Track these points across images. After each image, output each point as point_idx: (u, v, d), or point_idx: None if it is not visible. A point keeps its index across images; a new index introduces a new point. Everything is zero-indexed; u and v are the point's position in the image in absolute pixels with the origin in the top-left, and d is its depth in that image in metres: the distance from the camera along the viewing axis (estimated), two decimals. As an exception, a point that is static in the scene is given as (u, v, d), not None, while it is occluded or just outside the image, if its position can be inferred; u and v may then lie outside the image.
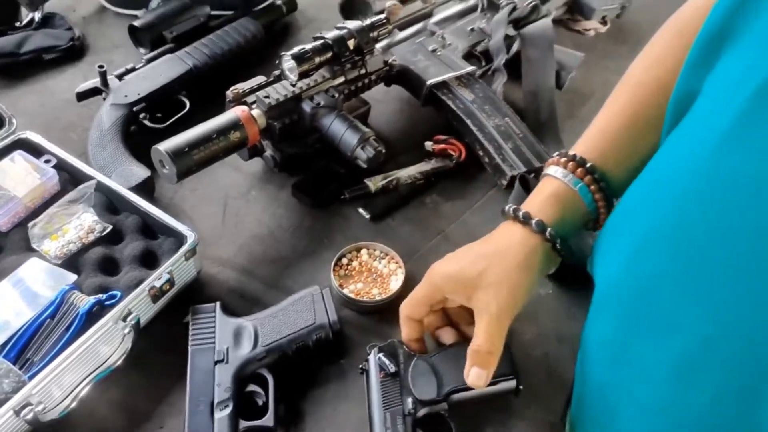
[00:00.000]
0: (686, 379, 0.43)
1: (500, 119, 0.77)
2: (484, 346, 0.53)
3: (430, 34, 0.83)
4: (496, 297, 0.54)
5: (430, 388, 0.57)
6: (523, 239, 0.56)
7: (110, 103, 0.76)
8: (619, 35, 0.98)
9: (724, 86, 0.42)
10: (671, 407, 0.44)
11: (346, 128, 0.70)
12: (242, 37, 0.87)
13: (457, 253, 0.59)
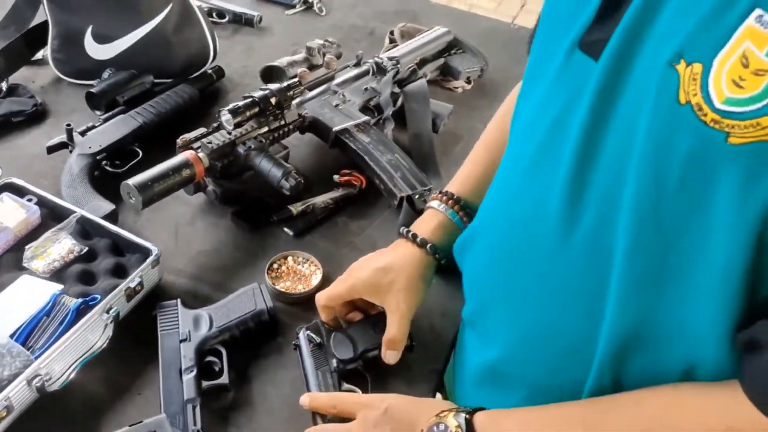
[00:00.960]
0: (527, 342, 0.64)
1: (391, 155, 1.01)
2: (396, 336, 0.74)
3: (333, 93, 1.06)
4: (403, 300, 0.75)
5: (348, 350, 0.77)
6: (421, 257, 0.78)
7: (77, 154, 0.94)
8: (481, 91, 1.24)
9: (523, 129, 0.64)
10: (512, 360, 0.66)
11: (272, 165, 0.91)
12: (181, 99, 1.07)
13: (370, 262, 0.79)
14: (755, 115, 0.40)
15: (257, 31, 1.32)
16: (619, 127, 0.49)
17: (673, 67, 0.43)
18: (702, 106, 0.42)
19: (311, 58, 1.09)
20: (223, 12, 1.31)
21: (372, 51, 1.26)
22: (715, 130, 0.42)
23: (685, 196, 0.45)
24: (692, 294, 0.48)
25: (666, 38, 0.44)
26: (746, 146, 0.41)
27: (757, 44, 0.39)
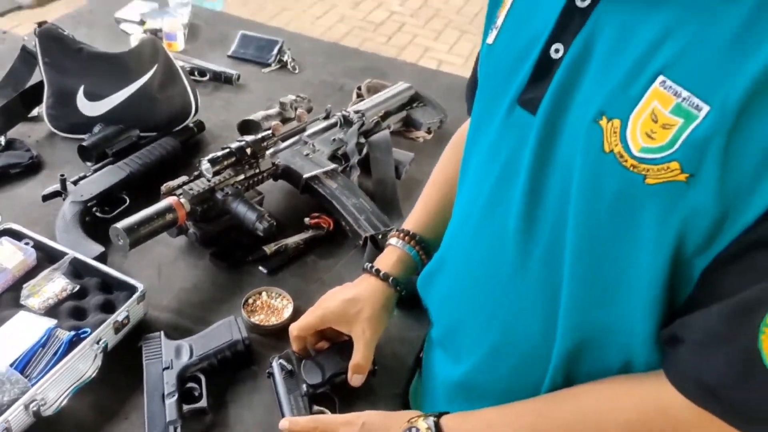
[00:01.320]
0: (493, 356, 0.72)
1: (356, 199, 1.11)
2: (361, 361, 0.83)
3: (304, 143, 1.17)
4: (368, 328, 0.84)
5: (317, 376, 0.85)
6: (383, 290, 0.88)
7: (70, 201, 1.03)
8: (440, 140, 1.35)
9: (476, 171, 0.73)
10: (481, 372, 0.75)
11: (247, 209, 1.01)
12: (165, 150, 1.17)
13: (338, 295, 0.88)
14: (665, 160, 0.49)
15: (235, 88, 1.43)
16: (558, 171, 0.58)
17: (597, 123, 0.53)
18: (623, 154, 0.52)
19: (284, 112, 1.21)
20: (205, 71, 1.42)
21: (341, 105, 1.38)
22: (634, 173, 0.51)
23: (614, 226, 0.55)
24: (626, 304, 0.58)
25: (590, 98, 0.54)
26: (660, 185, 0.50)
27: (662, 104, 0.49)
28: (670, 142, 0.49)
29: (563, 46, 0.56)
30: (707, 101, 0.47)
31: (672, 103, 0.48)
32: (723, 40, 0.47)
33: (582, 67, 0.55)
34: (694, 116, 0.47)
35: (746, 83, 0.45)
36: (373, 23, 3.86)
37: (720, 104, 0.46)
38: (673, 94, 0.48)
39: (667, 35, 0.49)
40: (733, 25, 0.46)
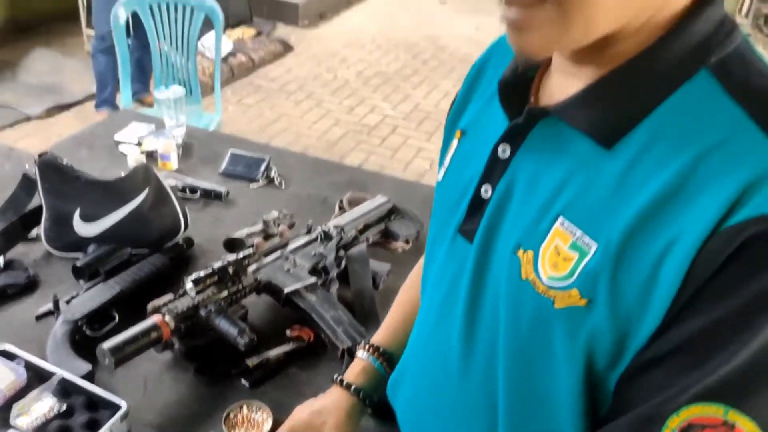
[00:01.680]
0: None
1: (334, 312, 1.17)
2: None
3: (285, 259, 1.24)
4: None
5: None
6: (347, 399, 0.93)
7: (62, 321, 1.09)
8: (418, 250, 1.43)
9: (430, 290, 0.82)
10: None
11: (229, 325, 1.06)
12: (155, 267, 1.24)
13: (307, 406, 0.93)
14: (568, 287, 0.57)
15: (225, 204, 1.52)
16: (490, 294, 0.66)
17: (516, 254, 0.61)
18: (536, 281, 0.59)
19: (267, 229, 1.28)
20: (195, 188, 1.52)
21: (324, 217, 1.47)
22: (545, 297, 0.58)
23: (535, 344, 0.61)
24: (555, 416, 0.63)
25: (511, 232, 0.63)
26: (565, 309, 0.57)
27: (563, 240, 0.57)
28: (570, 272, 0.56)
29: (491, 188, 0.66)
30: (595, 239, 0.55)
31: (570, 240, 0.57)
32: (606, 187, 0.55)
33: (504, 205, 0.64)
34: (586, 252, 0.55)
35: (624, 224, 0.53)
36: (367, 126, 4.04)
37: (605, 242, 0.54)
38: (570, 233, 0.57)
39: (566, 182, 0.58)
40: (614, 175, 0.55)
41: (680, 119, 0.53)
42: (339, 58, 5.02)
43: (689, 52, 0.54)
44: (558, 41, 0.54)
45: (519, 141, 0.64)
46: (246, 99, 4.30)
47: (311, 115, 4.14)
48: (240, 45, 4.81)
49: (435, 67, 4.96)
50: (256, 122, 4.00)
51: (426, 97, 4.49)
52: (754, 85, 0.53)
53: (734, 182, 0.49)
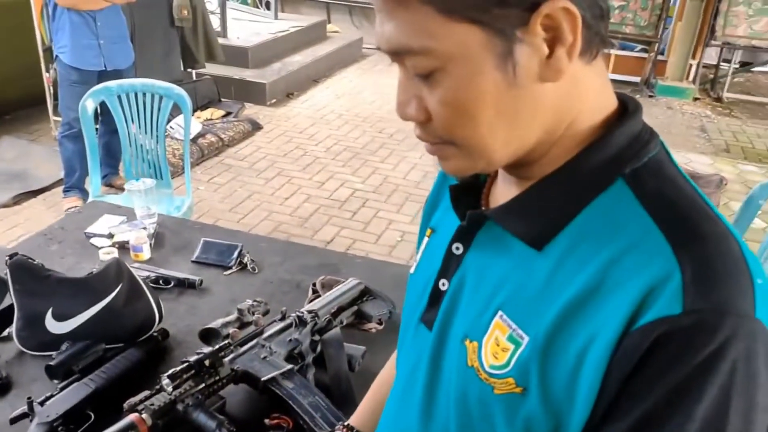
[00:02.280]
0: None
1: (312, 398, 1.18)
2: None
3: (261, 346, 1.25)
4: None
5: None
6: None
7: (36, 423, 1.08)
8: (391, 330, 1.45)
9: (399, 369, 0.86)
10: None
11: (207, 418, 1.06)
12: (130, 362, 1.24)
13: None
14: (505, 376, 0.61)
15: (199, 292, 1.54)
16: (444, 379, 0.70)
17: (463, 343, 0.66)
18: (479, 369, 0.64)
19: (242, 318, 1.30)
20: (169, 279, 1.54)
21: (298, 301, 1.49)
22: (487, 384, 0.63)
23: (481, 426, 0.65)
24: None
25: (460, 324, 0.68)
26: (504, 395, 0.61)
27: (501, 332, 0.62)
28: (506, 362, 0.61)
29: (447, 281, 0.72)
30: (527, 332, 0.60)
31: (507, 332, 0.61)
32: (537, 284, 0.60)
33: (457, 298, 0.70)
34: (520, 343, 0.60)
35: (550, 319, 0.58)
36: (338, 201, 4.10)
37: (533, 335, 0.59)
38: (507, 326, 0.62)
39: (505, 279, 0.64)
40: (544, 274, 0.60)
41: (598, 224, 0.59)
42: (307, 134, 5.13)
43: (606, 164, 0.60)
44: (469, 169, 0.62)
45: (469, 240, 0.69)
46: (217, 178, 4.35)
47: (282, 191, 4.20)
48: (209, 126, 4.90)
49: (401, 141, 5.10)
50: (227, 201, 4.03)
51: (394, 169, 4.59)
52: (663, 195, 0.58)
53: (639, 285, 0.53)
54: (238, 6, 6.87)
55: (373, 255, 3.46)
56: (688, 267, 0.52)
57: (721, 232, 0.55)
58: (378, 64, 7.37)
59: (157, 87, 2.77)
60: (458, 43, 0.54)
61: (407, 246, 3.61)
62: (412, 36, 0.55)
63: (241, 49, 5.71)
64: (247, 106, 5.51)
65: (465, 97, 0.56)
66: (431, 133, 0.60)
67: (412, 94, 0.59)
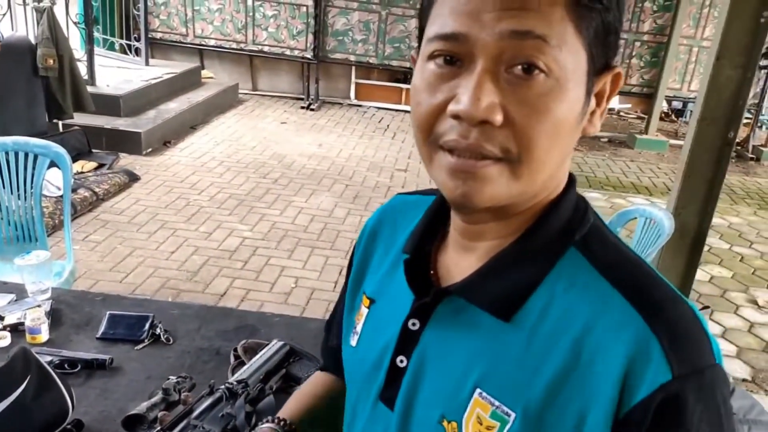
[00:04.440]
0: None
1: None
2: None
3: (193, 427, 1.18)
4: None
5: None
6: None
7: None
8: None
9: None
10: None
11: None
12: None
13: None
14: None
15: (110, 372, 1.42)
16: None
17: (441, 424, 0.65)
18: None
19: (168, 398, 1.23)
20: (75, 361, 1.41)
21: (221, 369, 1.43)
22: None
23: None
24: None
25: (431, 401, 0.66)
26: None
27: (483, 410, 0.62)
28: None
29: (406, 359, 0.70)
30: (513, 409, 0.60)
31: (489, 410, 0.61)
32: (513, 359, 0.61)
33: (420, 375, 0.68)
34: (507, 420, 0.60)
35: (538, 395, 0.59)
36: (228, 251, 3.98)
37: (522, 411, 0.59)
38: (489, 403, 0.61)
39: (477, 355, 0.64)
40: (517, 347, 0.61)
41: (563, 292, 0.61)
42: (189, 183, 4.97)
43: (559, 233, 0.63)
44: (501, 197, 0.59)
45: (427, 315, 0.69)
46: (93, 236, 4.08)
47: (167, 245, 4.01)
48: (81, 180, 4.61)
49: (285, 185, 5.08)
50: (107, 260, 3.79)
51: (281, 215, 4.55)
52: (613, 261, 0.62)
53: (620, 355, 0.56)
54: (106, 53, 6.57)
55: (268, 304, 3.39)
56: (662, 334, 0.56)
57: (673, 296, 0.60)
58: (255, 109, 7.34)
59: (32, 145, 2.58)
60: (577, 60, 0.56)
61: (302, 292, 3.58)
62: (551, 31, 0.54)
63: (112, 98, 5.45)
64: (121, 157, 5.25)
65: (558, 110, 0.56)
66: (494, 141, 0.56)
67: (494, 96, 0.55)
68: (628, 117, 8.43)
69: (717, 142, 2.59)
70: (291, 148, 6.01)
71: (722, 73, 2.40)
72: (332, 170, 5.55)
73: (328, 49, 7.56)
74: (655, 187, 6.06)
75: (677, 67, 7.39)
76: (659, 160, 6.91)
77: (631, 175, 6.35)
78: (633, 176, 6.34)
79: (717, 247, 4.68)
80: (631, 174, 6.40)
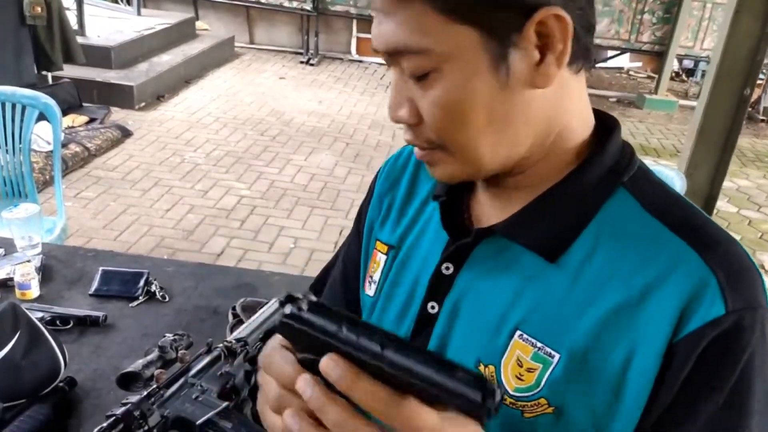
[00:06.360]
0: None
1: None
2: None
3: (191, 386, 1.14)
4: None
5: None
6: None
7: None
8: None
9: None
10: None
11: (142, 479, 0.94)
12: (36, 422, 1.07)
13: None
14: (535, 397, 0.58)
15: (104, 330, 1.37)
16: None
17: (477, 369, 0.62)
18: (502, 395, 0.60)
19: (165, 355, 1.17)
20: (67, 318, 1.36)
21: (219, 328, 1.38)
22: (513, 409, 0.60)
23: None
24: None
25: (466, 347, 0.63)
26: (535, 418, 0.59)
27: (524, 352, 0.59)
28: (536, 382, 0.59)
29: (438, 305, 0.67)
30: (556, 350, 0.58)
31: (531, 351, 0.59)
32: (558, 299, 0.59)
33: (454, 321, 0.65)
34: (550, 362, 0.58)
35: (584, 335, 0.57)
36: (224, 210, 3.91)
37: (568, 352, 0.57)
38: (531, 345, 0.59)
39: (518, 297, 0.61)
40: (562, 288, 0.59)
41: (612, 233, 0.59)
42: (183, 140, 4.86)
43: (607, 173, 0.61)
44: (458, 175, 0.61)
45: (463, 258, 0.66)
46: (85, 192, 4.00)
47: (162, 203, 3.94)
48: (72, 134, 4.50)
49: (284, 143, 4.98)
50: (100, 217, 3.71)
51: (280, 173, 4.47)
52: (663, 201, 0.60)
53: (678, 292, 0.55)
54: (96, 1, 6.35)
55: (266, 265, 3.34)
56: (718, 270, 0.55)
57: (727, 236, 0.58)
58: (252, 64, 7.17)
59: (20, 95, 2.48)
60: (455, 44, 0.53)
61: (302, 252, 3.53)
62: (411, 35, 0.54)
63: (102, 49, 5.28)
64: (113, 111, 5.13)
65: (458, 99, 0.55)
66: (422, 137, 0.59)
67: (405, 97, 0.58)
68: (638, 76, 8.24)
69: (732, 99, 2.52)
70: (290, 105, 5.88)
71: (740, 26, 2.32)
72: (332, 128, 5.44)
73: (329, 0, 7.35)
74: (664, 149, 5.94)
75: (690, 24, 7.13)
76: (668, 121, 6.73)
77: (639, 137, 6.17)
78: (641, 137, 6.16)
79: (725, 210, 4.63)
80: (639, 135, 6.22)
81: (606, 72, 8.12)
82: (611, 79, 7.94)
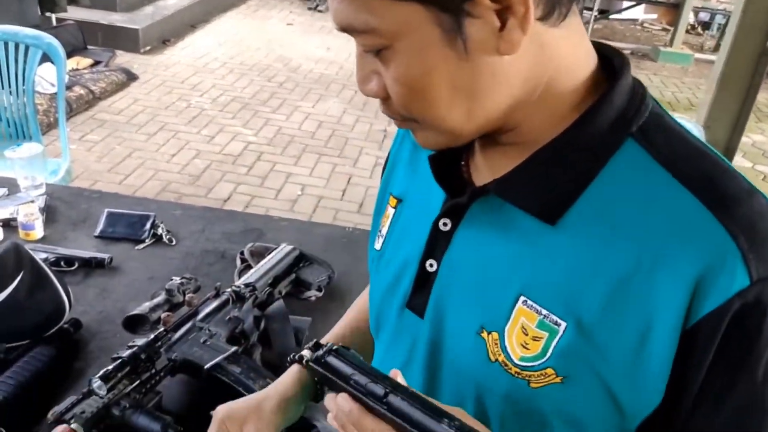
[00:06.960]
0: None
1: (262, 381, 1.06)
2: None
3: (199, 329, 1.12)
4: None
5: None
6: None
7: (-67, 450, 0.89)
8: (332, 297, 1.34)
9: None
10: None
11: (149, 420, 0.93)
12: (41, 363, 1.06)
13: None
14: (542, 367, 0.55)
15: (109, 272, 1.35)
16: (449, 374, 0.64)
17: (480, 335, 0.59)
18: (506, 363, 0.57)
19: (172, 299, 1.15)
20: (72, 259, 1.33)
21: (227, 272, 1.36)
22: (519, 378, 0.57)
23: (512, 418, 0.59)
24: None
25: (467, 311, 0.60)
26: (542, 388, 0.56)
27: (529, 319, 0.56)
28: (542, 351, 0.55)
29: (436, 262, 0.64)
30: (563, 318, 0.54)
31: (536, 319, 0.56)
32: (560, 265, 0.55)
33: (452, 281, 0.62)
34: (556, 330, 0.55)
35: (592, 304, 0.53)
36: (231, 155, 3.87)
37: (575, 321, 0.53)
38: (535, 312, 0.56)
39: (518, 261, 0.57)
40: (566, 252, 0.55)
41: (619, 191, 0.54)
42: (190, 84, 4.78)
43: (612, 125, 0.55)
44: (441, 142, 0.58)
45: (460, 215, 0.62)
46: (90, 135, 3.95)
47: (168, 147, 3.89)
48: (76, 77, 4.43)
49: (291, 90, 4.89)
50: (105, 160, 3.68)
51: (287, 120, 4.40)
52: (676, 151, 0.54)
53: (693, 259, 0.50)
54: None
55: (273, 211, 3.31)
56: (739, 233, 0.49)
57: (748, 189, 0.53)
58: (260, 9, 7.00)
59: (22, 35, 2.41)
60: (401, 21, 0.50)
61: (309, 200, 3.49)
62: (356, 14, 0.51)
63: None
64: (118, 54, 5.04)
65: (414, 75, 0.53)
66: (393, 110, 0.57)
67: (370, 70, 0.56)
68: (653, 29, 8.02)
69: (754, 52, 2.42)
70: (297, 51, 5.75)
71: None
72: (341, 75, 5.32)
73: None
74: (678, 102, 5.80)
75: (707, -24, 6.94)
76: (683, 75, 6.58)
77: (653, 90, 5.94)
78: (655, 91, 6.02)
79: (739, 165, 4.53)
80: (653, 89, 6.04)
81: (620, 24, 7.90)
82: (625, 30, 7.73)
